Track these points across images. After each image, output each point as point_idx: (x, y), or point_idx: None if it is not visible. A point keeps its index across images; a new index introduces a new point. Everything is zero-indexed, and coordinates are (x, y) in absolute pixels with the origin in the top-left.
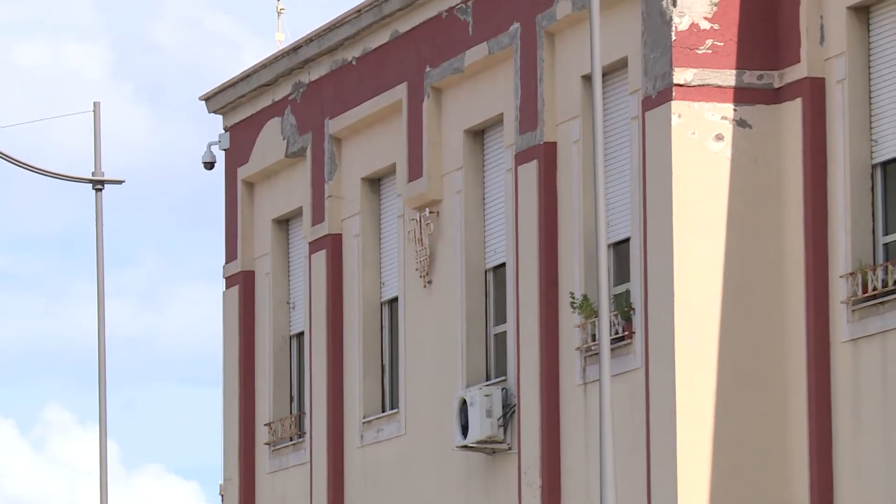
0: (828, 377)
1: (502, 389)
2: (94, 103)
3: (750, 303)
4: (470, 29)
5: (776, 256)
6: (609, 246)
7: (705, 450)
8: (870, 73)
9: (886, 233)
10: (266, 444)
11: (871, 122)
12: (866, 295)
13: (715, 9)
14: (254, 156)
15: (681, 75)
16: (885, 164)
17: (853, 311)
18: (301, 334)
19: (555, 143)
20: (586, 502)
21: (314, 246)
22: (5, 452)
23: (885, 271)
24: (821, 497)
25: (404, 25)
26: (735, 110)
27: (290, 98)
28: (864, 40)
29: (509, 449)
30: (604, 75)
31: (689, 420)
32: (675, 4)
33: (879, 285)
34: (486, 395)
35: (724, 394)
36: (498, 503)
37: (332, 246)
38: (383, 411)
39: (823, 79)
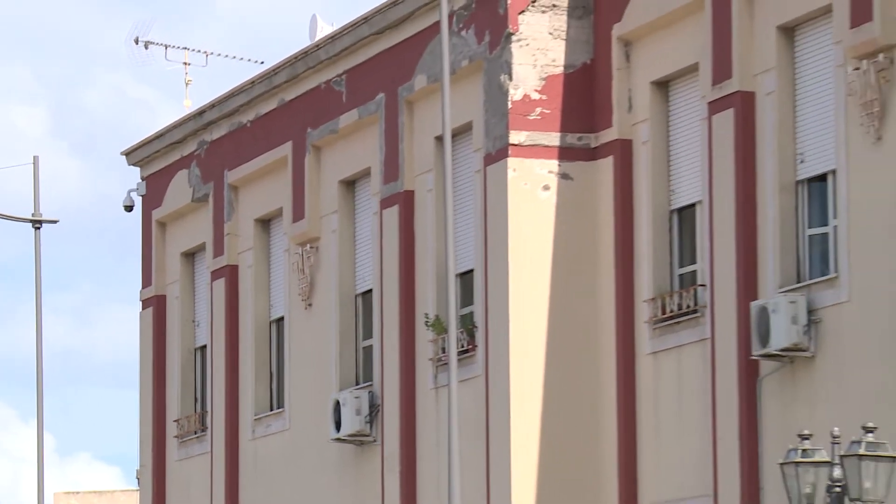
0: (633, 384)
1: (369, 392)
2: (34, 157)
3: (571, 322)
4: (343, 98)
5: (592, 284)
6: (457, 276)
7: (534, 444)
8: (668, 136)
9: (681, 265)
10: (175, 436)
11: (669, 176)
12: (665, 316)
13: (543, 83)
14: (166, 200)
15: (515, 137)
16: (680, 210)
17: (654, 329)
18: (204, 347)
19: (413, 192)
20: (437, 485)
21: (215, 275)
22: None
23: (680, 297)
24: (627, 484)
25: (290, 94)
26: (559, 165)
27: (195, 153)
28: (664, 109)
29: (374, 441)
30: (453, 136)
31: (521, 419)
32: (510, 79)
33: (675, 308)
34: (356, 397)
35: (550, 398)
36: (365, 486)
37: (230, 275)
38: (271, 410)
39: (631, 140)
